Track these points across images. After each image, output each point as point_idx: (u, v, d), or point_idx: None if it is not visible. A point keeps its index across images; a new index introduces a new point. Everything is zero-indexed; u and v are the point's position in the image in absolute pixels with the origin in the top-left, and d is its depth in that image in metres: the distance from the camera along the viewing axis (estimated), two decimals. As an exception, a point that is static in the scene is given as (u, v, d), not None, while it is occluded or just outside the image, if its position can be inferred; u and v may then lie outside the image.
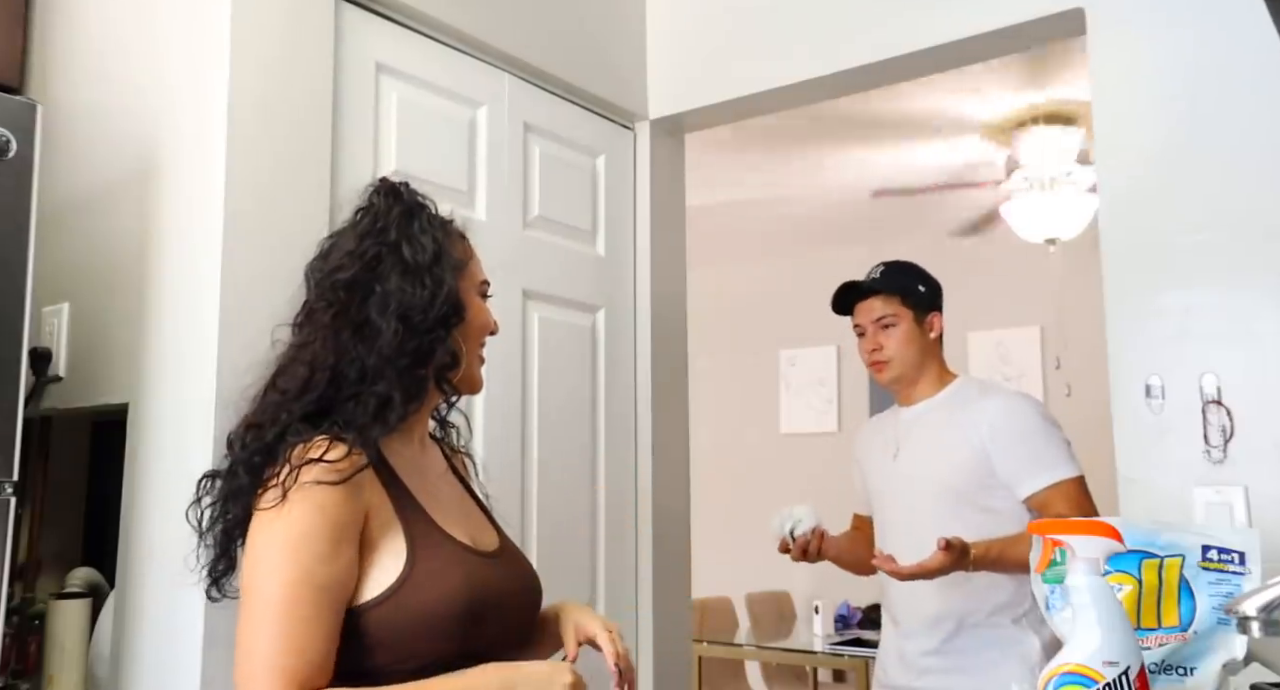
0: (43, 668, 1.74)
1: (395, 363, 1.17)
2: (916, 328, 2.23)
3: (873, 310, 2.24)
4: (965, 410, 2.15)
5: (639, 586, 2.52)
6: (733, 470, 6.05)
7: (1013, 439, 2.08)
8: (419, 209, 1.26)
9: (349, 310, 1.18)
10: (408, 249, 1.21)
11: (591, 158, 2.54)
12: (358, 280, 1.20)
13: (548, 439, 2.31)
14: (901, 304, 2.23)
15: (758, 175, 4.78)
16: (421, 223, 1.24)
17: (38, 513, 1.91)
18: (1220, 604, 1.34)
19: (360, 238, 1.23)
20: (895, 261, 2.31)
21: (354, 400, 1.15)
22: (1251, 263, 1.87)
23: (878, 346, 2.23)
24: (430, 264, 1.21)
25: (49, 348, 1.86)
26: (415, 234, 1.23)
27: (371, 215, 1.25)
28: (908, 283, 2.26)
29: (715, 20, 2.61)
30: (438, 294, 1.20)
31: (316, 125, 1.87)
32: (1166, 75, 2.01)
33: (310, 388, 1.16)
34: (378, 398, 1.16)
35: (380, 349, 1.16)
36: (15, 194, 1.56)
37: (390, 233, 1.22)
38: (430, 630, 1.12)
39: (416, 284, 1.19)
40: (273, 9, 1.81)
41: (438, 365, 1.22)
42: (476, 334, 1.30)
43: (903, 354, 2.22)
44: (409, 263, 1.20)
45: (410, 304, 1.19)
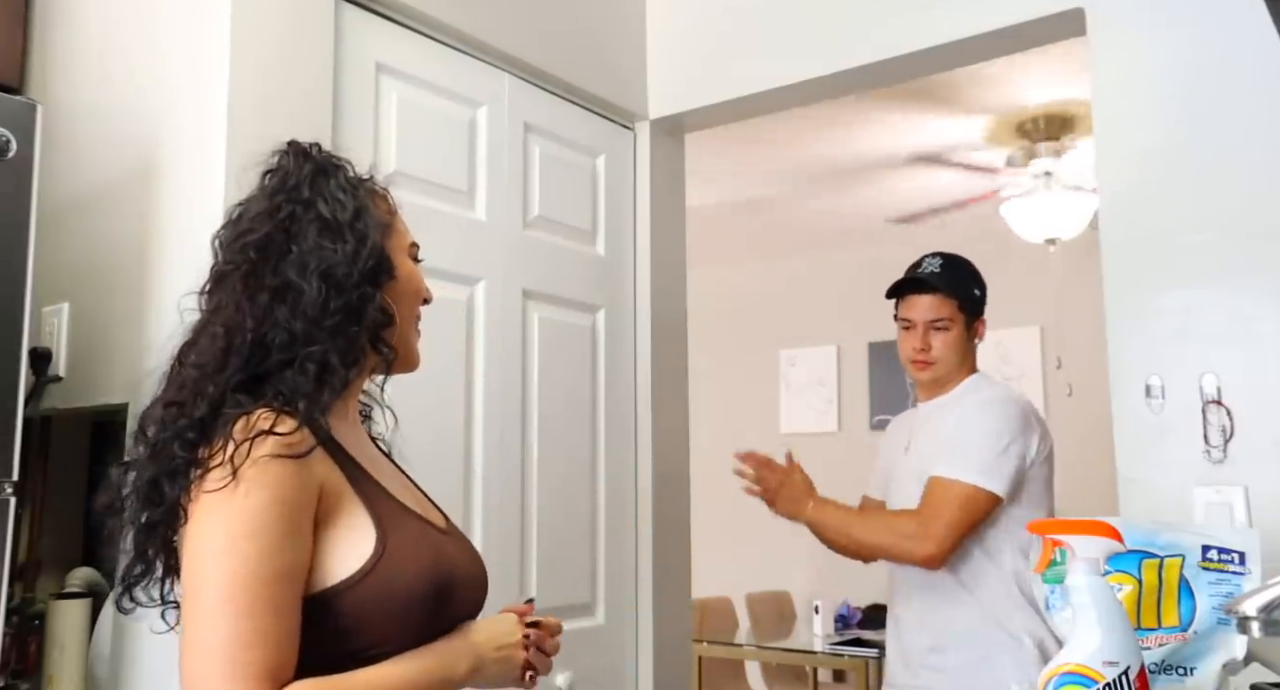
0: (43, 668, 1.74)
1: (323, 323, 1.07)
2: (965, 333, 2.21)
3: (928, 309, 2.19)
4: (957, 407, 2.16)
5: (639, 586, 2.52)
6: (732, 470, 6.05)
7: (957, 427, 2.10)
8: (333, 168, 1.18)
9: (263, 273, 1.09)
10: (324, 206, 1.12)
11: (591, 158, 2.54)
12: (271, 240, 1.10)
13: (548, 439, 2.31)
14: (958, 308, 2.19)
15: (757, 171, 4.78)
16: (338, 180, 1.16)
17: (38, 513, 1.91)
18: (1220, 604, 1.34)
19: (270, 196, 1.14)
20: (953, 256, 2.26)
21: (290, 367, 1.06)
22: (1251, 263, 1.87)
23: (926, 347, 2.19)
24: (351, 220, 1.13)
25: (49, 348, 1.86)
26: (331, 191, 1.14)
27: (281, 175, 1.16)
28: (966, 286, 2.23)
29: (715, 20, 2.61)
30: (361, 249, 1.11)
31: (316, 125, 1.87)
32: (1166, 75, 2.01)
33: (231, 357, 1.05)
34: (316, 361, 1.06)
35: (304, 310, 1.07)
36: (15, 194, 1.56)
37: (303, 190, 1.13)
38: (408, 609, 1.06)
39: (337, 240, 1.10)
40: (273, 9, 1.81)
41: (371, 324, 1.12)
42: (410, 298, 1.21)
43: (948, 357, 2.19)
44: (327, 219, 1.11)
45: (332, 261, 1.09)
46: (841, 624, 5.07)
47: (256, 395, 1.05)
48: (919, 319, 2.20)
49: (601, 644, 2.40)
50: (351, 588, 1.03)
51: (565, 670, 2.25)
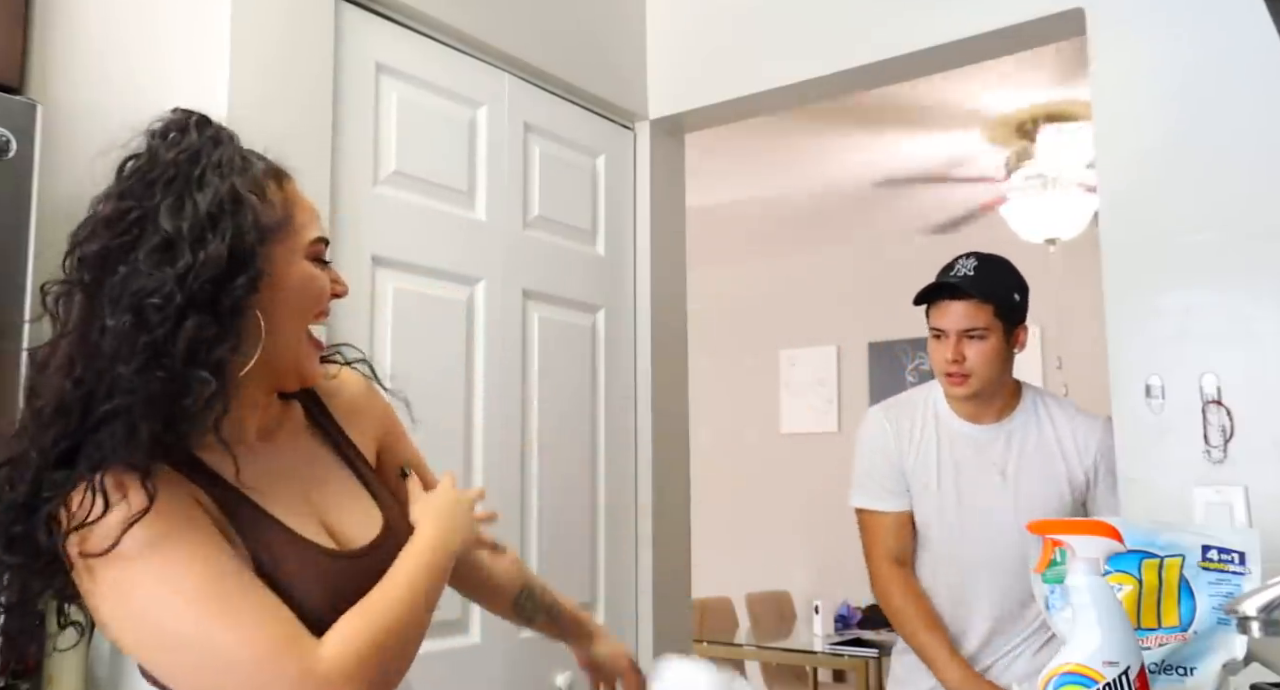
0: (43, 667, 1.74)
1: (126, 368, 0.88)
2: (1004, 342, 2.02)
3: (961, 317, 2.00)
4: (1060, 433, 2.05)
5: (639, 586, 2.52)
6: (733, 470, 6.05)
7: (1103, 469, 2.02)
8: (210, 148, 0.98)
9: (93, 297, 0.91)
10: (167, 216, 0.92)
11: (591, 158, 2.54)
12: (105, 256, 0.92)
13: (548, 439, 2.31)
14: (994, 315, 2.00)
15: (757, 169, 4.78)
16: (201, 174, 0.95)
17: (38, 513, 1.91)
18: (1220, 604, 1.34)
19: (118, 197, 0.96)
20: (990, 257, 2.07)
21: (101, 426, 0.88)
22: (1251, 263, 1.87)
23: (960, 358, 1.99)
24: (201, 227, 0.92)
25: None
26: (187, 191, 0.94)
27: (137, 167, 0.98)
28: (1004, 290, 2.03)
29: (715, 20, 2.61)
30: (194, 265, 0.90)
31: (317, 125, 1.87)
32: (1166, 75, 2.01)
33: (61, 407, 0.89)
34: (121, 417, 0.88)
35: (110, 353, 0.88)
36: (15, 194, 1.56)
37: (155, 190, 0.94)
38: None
39: (170, 260, 0.90)
40: (273, 9, 1.81)
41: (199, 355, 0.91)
42: (298, 306, 1.03)
43: (986, 370, 2.00)
44: (168, 234, 0.91)
45: (150, 288, 0.89)
46: (841, 624, 5.08)
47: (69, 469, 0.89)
48: (951, 328, 2.01)
49: (601, 644, 2.40)
50: None
51: (565, 670, 2.25)
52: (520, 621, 1.47)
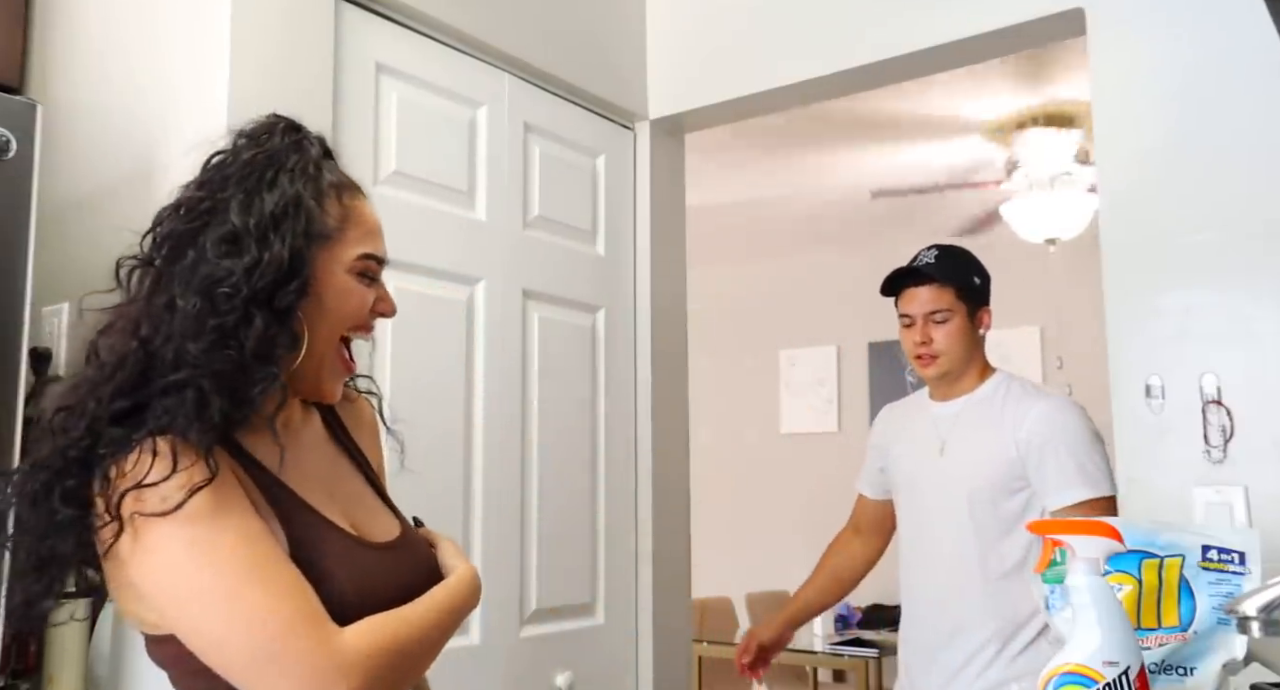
0: (43, 667, 1.74)
1: (194, 343, 0.95)
2: (968, 323, 2.15)
3: (925, 301, 2.14)
4: (1006, 410, 2.09)
5: (639, 586, 2.52)
6: (733, 470, 6.05)
7: (1051, 448, 2.01)
8: (283, 156, 1.05)
9: (162, 275, 0.99)
10: (236, 211, 0.99)
11: (591, 158, 2.54)
12: (177, 238, 1.00)
13: (548, 439, 2.31)
14: (956, 297, 2.13)
15: (757, 176, 4.78)
16: (276, 176, 1.02)
17: (38, 513, 1.91)
18: (1220, 604, 1.34)
19: (200, 186, 1.04)
20: (949, 247, 2.22)
21: (168, 393, 0.94)
22: (1251, 263, 1.88)
23: (927, 340, 2.13)
24: (263, 229, 0.99)
25: (49, 348, 1.86)
26: (259, 190, 1.01)
27: (220, 162, 1.05)
28: (964, 274, 2.16)
29: (715, 20, 2.61)
30: (259, 263, 0.98)
31: (316, 125, 1.84)
32: (1166, 75, 2.01)
33: (124, 364, 0.96)
34: (193, 389, 0.94)
35: (180, 328, 0.95)
36: (15, 194, 1.56)
37: (228, 186, 1.01)
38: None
39: (234, 253, 0.98)
40: (273, 9, 1.81)
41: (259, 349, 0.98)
42: (335, 320, 1.07)
43: (952, 350, 2.13)
44: (235, 227, 0.99)
45: (217, 277, 0.97)
46: (841, 624, 5.08)
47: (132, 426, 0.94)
48: (917, 312, 2.14)
49: (601, 644, 2.40)
50: None
51: (565, 670, 2.25)
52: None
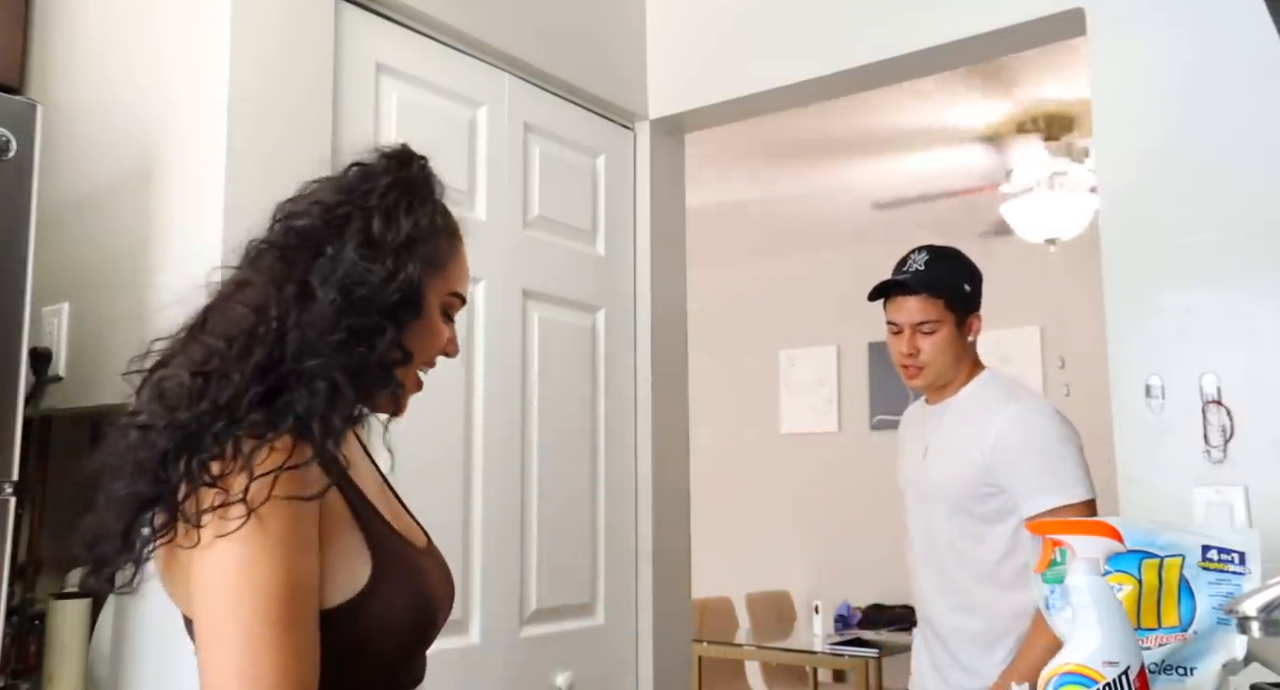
0: (43, 667, 1.74)
1: (329, 337, 1.00)
2: (956, 332, 2.10)
3: (913, 312, 2.09)
4: (980, 413, 2.06)
5: (639, 586, 2.52)
6: (733, 470, 6.05)
7: (1019, 453, 1.98)
8: (419, 186, 1.12)
9: (294, 265, 1.04)
10: (379, 221, 1.06)
11: (591, 158, 2.54)
12: (314, 234, 1.05)
13: (548, 439, 2.31)
14: (945, 308, 2.08)
15: (756, 185, 4.79)
16: (411, 202, 1.10)
17: (38, 513, 1.91)
18: (1220, 604, 1.34)
19: (339, 191, 1.09)
20: (940, 249, 2.16)
21: (301, 381, 0.98)
22: (1251, 262, 1.88)
23: (914, 351, 2.10)
24: (398, 246, 1.06)
25: (49, 348, 1.86)
26: (398, 210, 1.08)
27: (363, 173, 1.11)
28: (954, 282, 2.11)
29: (715, 20, 2.61)
30: (393, 278, 1.04)
31: (316, 125, 1.87)
32: (1166, 75, 2.01)
33: (255, 345, 0.98)
34: (325, 378, 0.99)
35: (314, 319, 1.00)
36: (15, 194, 1.56)
37: (371, 197, 1.07)
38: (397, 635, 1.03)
39: (374, 260, 1.04)
40: (273, 9, 1.81)
41: (383, 355, 1.04)
42: (425, 347, 1.13)
43: (939, 360, 2.09)
44: (374, 236, 1.05)
45: (357, 278, 1.03)
46: (841, 624, 5.08)
47: (272, 413, 0.97)
48: (905, 322, 2.11)
49: (601, 644, 2.40)
50: (345, 614, 0.99)
51: (565, 670, 2.25)
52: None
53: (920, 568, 2.16)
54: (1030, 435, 1.99)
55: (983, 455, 2.00)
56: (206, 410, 0.96)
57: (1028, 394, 2.16)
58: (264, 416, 0.96)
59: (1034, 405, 2.08)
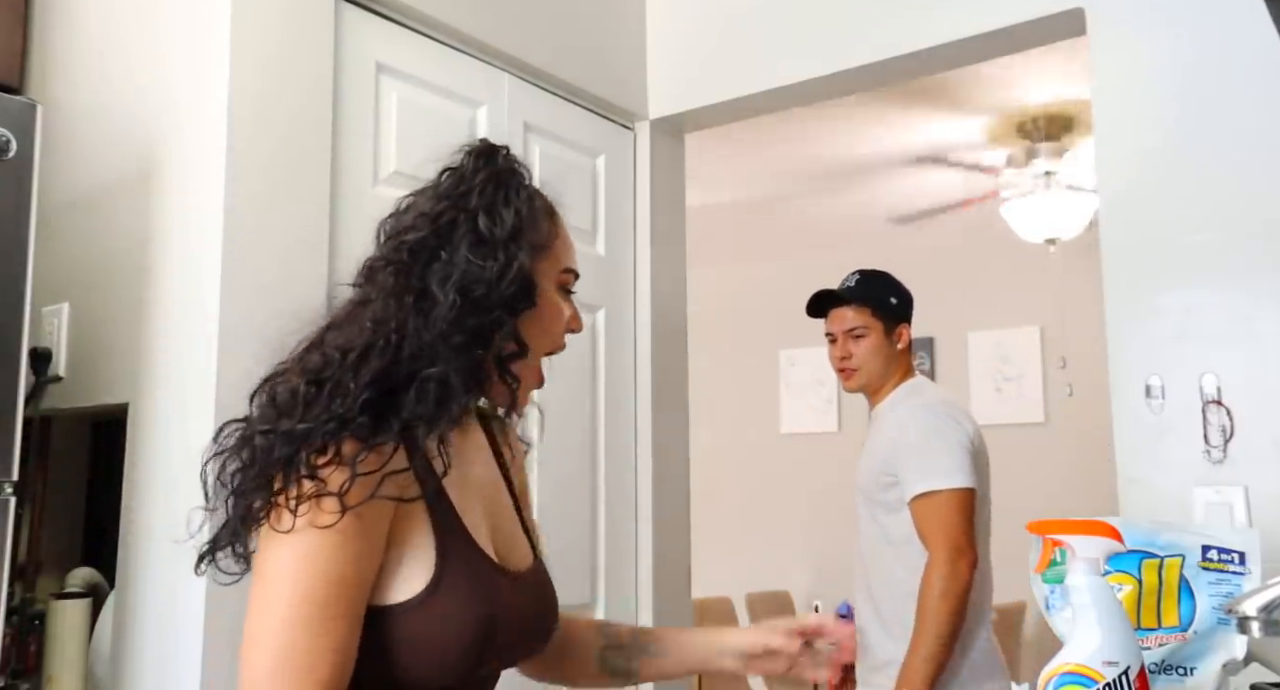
0: (43, 667, 1.74)
1: (451, 339, 1.04)
2: (885, 339, 2.33)
3: (845, 320, 2.35)
4: (891, 413, 2.29)
5: (639, 586, 2.52)
6: (733, 470, 6.05)
7: (905, 442, 2.20)
8: (512, 176, 1.16)
9: (411, 275, 1.07)
10: (484, 218, 1.09)
11: (591, 158, 2.54)
12: (426, 243, 1.08)
13: (547, 439, 2.30)
14: (873, 315, 2.33)
15: (758, 171, 4.78)
16: (508, 192, 1.13)
17: (38, 513, 1.91)
18: (1220, 604, 1.34)
19: (438, 199, 1.12)
20: (870, 271, 2.41)
21: (412, 388, 1.02)
22: (1251, 263, 1.87)
23: (847, 355, 2.35)
24: (507, 238, 1.09)
25: (49, 348, 1.86)
26: (497, 203, 1.11)
27: (456, 177, 1.14)
28: (880, 294, 2.36)
29: (715, 20, 2.61)
30: (507, 271, 1.08)
31: (316, 125, 1.87)
32: (1166, 75, 2.01)
33: (373, 356, 1.02)
34: (437, 381, 1.02)
35: (435, 323, 1.04)
36: (15, 194, 1.56)
37: (470, 198, 1.11)
38: (442, 648, 1.03)
39: (487, 257, 1.07)
40: (273, 9, 1.81)
41: (499, 352, 1.09)
42: (546, 329, 1.17)
43: (869, 363, 2.32)
44: (482, 233, 1.09)
45: (476, 277, 1.06)
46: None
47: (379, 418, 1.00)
48: (838, 330, 2.36)
49: (601, 644, 2.40)
50: (400, 614, 1.01)
51: (565, 670, 2.25)
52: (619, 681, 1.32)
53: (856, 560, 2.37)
54: (916, 427, 2.21)
55: (884, 450, 2.24)
56: (318, 415, 0.99)
57: (931, 393, 2.36)
58: (371, 421, 1.00)
59: (923, 404, 2.27)
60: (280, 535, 0.96)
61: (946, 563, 2.07)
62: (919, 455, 2.17)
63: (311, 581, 0.95)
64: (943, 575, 2.06)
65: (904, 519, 2.18)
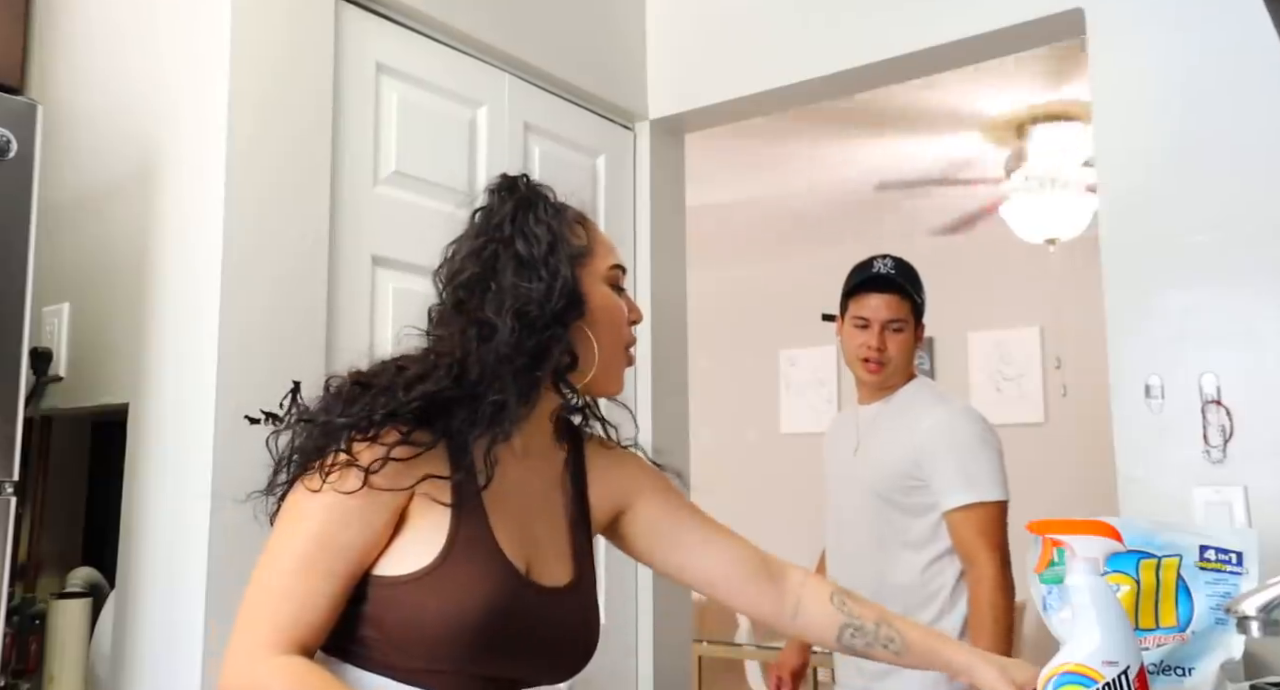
0: (43, 667, 1.74)
1: (515, 361, 1.12)
2: (913, 336, 2.25)
3: (885, 308, 2.21)
4: (911, 414, 2.19)
5: (639, 586, 2.52)
6: (733, 470, 6.05)
7: (943, 451, 2.11)
8: (536, 198, 1.24)
9: (469, 309, 1.16)
10: (521, 243, 1.18)
11: (591, 158, 2.54)
12: (475, 279, 1.17)
13: (548, 439, 2.31)
14: (911, 310, 2.23)
15: (757, 171, 4.78)
16: (537, 213, 1.21)
17: (38, 513, 1.91)
18: (1218, 604, 1.34)
19: (476, 235, 1.21)
20: (901, 260, 2.29)
21: (471, 401, 1.11)
22: (1251, 263, 1.87)
23: (882, 346, 2.20)
24: (545, 255, 1.17)
25: (49, 348, 1.86)
26: (529, 225, 1.19)
27: (486, 213, 1.23)
28: (918, 289, 2.26)
29: (715, 20, 2.61)
30: (554, 286, 1.16)
31: (317, 125, 1.87)
32: (1166, 75, 2.01)
33: (430, 376, 1.11)
34: (494, 403, 1.11)
35: (498, 348, 1.12)
36: (15, 194, 1.56)
37: (504, 228, 1.19)
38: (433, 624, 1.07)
39: (532, 277, 1.16)
40: (273, 9, 1.81)
41: (554, 367, 1.17)
42: (609, 327, 1.24)
43: (901, 360, 2.23)
44: (523, 257, 1.17)
45: (526, 298, 1.14)
46: (841, 624, 5.07)
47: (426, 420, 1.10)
48: (876, 318, 2.21)
49: (601, 644, 2.40)
50: (391, 586, 1.08)
51: (565, 670, 2.24)
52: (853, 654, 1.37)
53: (839, 555, 2.30)
54: (953, 437, 2.12)
55: (909, 451, 2.13)
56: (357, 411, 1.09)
57: (956, 400, 2.30)
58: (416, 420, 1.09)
59: (961, 410, 2.21)
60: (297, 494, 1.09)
61: (1003, 574, 2.03)
62: (971, 463, 2.09)
63: (305, 538, 1.06)
64: (1001, 587, 2.02)
65: (927, 522, 2.12)
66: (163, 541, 1.67)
